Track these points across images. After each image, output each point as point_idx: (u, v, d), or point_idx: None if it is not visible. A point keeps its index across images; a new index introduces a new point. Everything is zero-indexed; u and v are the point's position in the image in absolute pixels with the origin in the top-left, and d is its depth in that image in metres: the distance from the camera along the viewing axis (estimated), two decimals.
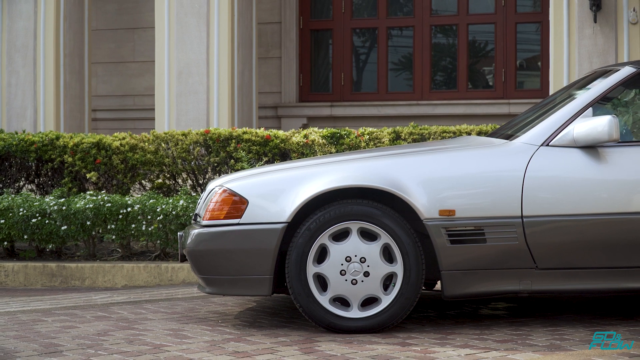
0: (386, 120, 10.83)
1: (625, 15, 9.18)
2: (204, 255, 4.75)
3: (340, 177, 4.67)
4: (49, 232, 7.15)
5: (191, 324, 4.91)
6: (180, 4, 9.77)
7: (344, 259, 4.59)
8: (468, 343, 4.33)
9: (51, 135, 8.03)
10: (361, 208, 4.61)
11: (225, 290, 4.80)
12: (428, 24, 11.04)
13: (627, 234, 4.54)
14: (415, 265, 4.59)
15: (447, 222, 4.56)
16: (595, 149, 4.63)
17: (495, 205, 4.57)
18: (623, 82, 4.84)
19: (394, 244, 4.59)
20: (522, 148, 4.68)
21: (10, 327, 4.92)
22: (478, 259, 4.58)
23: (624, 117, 6.69)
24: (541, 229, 4.55)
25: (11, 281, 7.16)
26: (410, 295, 4.60)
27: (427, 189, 4.60)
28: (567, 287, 4.63)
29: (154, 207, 7.02)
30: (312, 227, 4.60)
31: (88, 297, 6.20)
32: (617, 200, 4.55)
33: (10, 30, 10.37)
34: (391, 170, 4.68)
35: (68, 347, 4.33)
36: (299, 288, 4.61)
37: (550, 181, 4.59)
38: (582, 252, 4.57)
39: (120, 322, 5.03)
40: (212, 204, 4.80)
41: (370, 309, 4.61)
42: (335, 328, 4.60)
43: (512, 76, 10.80)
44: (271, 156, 7.65)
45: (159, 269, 6.98)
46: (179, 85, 9.80)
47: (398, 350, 4.16)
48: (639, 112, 6.60)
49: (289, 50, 11.33)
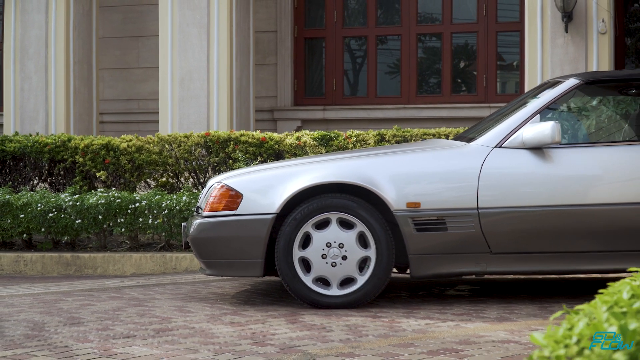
0: (375, 122, 11.57)
1: (594, 26, 9.91)
2: (205, 242, 5.49)
3: (322, 175, 5.42)
4: (64, 226, 7.89)
5: (194, 302, 5.65)
6: (182, 15, 10.51)
7: (325, 245, 5.33)
8: (429, 315, 5.07)
9: (63, 137, 8.76)
10: (340, 201, 5.35)
11: (223, 272, 5.55)
12: (414, 33, 11.78)
13: (567, 223, 5.28)
14: (386, 250, 5.33)
15: (413, 213, 5.30)
16: (541, 150, 5.36)
17: (455, 199, 5.31)
18: (567, 92, 5.57)
19: (368, 232, 5.33)
20: (478, 149, 5.42)
21: (36, 305, 5.66)
22: (440, 244, 5.32)
23: (588, 121, 7.44)
24: (494, 219, 5.29)
25: (30, 270, 7.90)
26: (382, 276, 5.34)
27: (396, 184, 5.34)
28: (518, 268, 5.36)
29: (159, 203, 7.75)
30: (298, 217, 5.34)
31: (101, 282, 6.93)
32: (559, 194, 5.29)
33: (23, 39, 11.11)
34: (366, 168, 5.42)
35: (88, 319, 5.07)
36: (286, 270, 5.35)
37: (502, 178, 5.33)
38: (530, 238, 5.31)
39: (131, 301, 5.77)
40: (211, 198, 5.54)
41: (347, 288, 5.36)
42: (317, 304, 5.34)
43: (493, 81, 11.54)
44: (266, 156, 8.38)
45: (164, 258, 7.72)
46: (181, 90, 10.54)
47: (369, 321, 4.90)
48: (602, 116, 7.36)
49: (284, 57, 12.07)
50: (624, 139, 6.30)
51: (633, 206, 5.25)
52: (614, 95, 6.47)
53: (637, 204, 5.25)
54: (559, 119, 6.03)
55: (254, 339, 4.44)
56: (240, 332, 4.61)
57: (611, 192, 5.30)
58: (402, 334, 4.54)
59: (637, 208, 5.25)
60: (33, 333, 4.66)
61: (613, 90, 6.12)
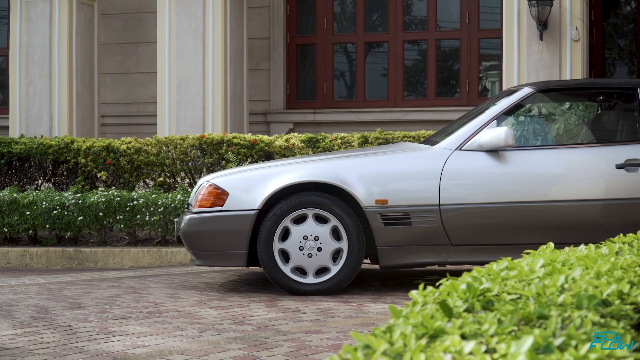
0: (363, 125, 12.15)
1: (568, 34, 10.48)
2: (194, 235, 6.09)
3: (300, 175, 6.01)
4: (67, 222, 8.48)
5: (184, 290, 6.25)
6: (179, 23, 11.10)
7: (302, 238, 5.92)
8: (395, 301, 5.66)
9: (66, 140, 9.36)
10: (315, 198, 5.94)
11: (211, 262, 6.14)
12: (401, 39, 12.37)
13: (519, 218, 5.86)
14: (357, 242, 5.91)
15: (381, 209, 5.89)
16: (497, 152, 5.95)
17: (419, 196, 5.90)
18: (522, 99, 6.16)
19: (341, 226, 5.92)
20: (440, 152, 6.01)
21: (42, 292, 6.25)
22: (406, 237, 5.90)
23: (557, 125, 8.03)
24: (454, 214, 5.87)
25: (35, 263, 8.49)
26: (354, 266, 5.93)
27: (366, 183, 5.93)
28: (476, 259, 5.94)
29: (156, 201, 8.34)
30: (278, 213, 5.93)
31: (101, 274, 7.53)
32: (511, 192, 5.87)
33: (28, 46, 11.70)
34: (339, 169, 6.01)
35: (89, 304, 5.66)
36: (267, 260, 5.95)
37: (461, 177, 5.92)
38: (486, 232, 5.89)
39: (128, 289, 6.36)
40: (200, 196, 6.13)
41: (322, 276, 5.95)
42: (295, 291, 5.93)
43: (475, 85, 12.12)
44: (257, 157, 8.96)
45: (160, 252, 8.31)
46: (178, 95, 11.13)
47: (339, 305, 5.49)
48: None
49: (277, 63, 12.66)
50: (571, 142, 6.89)
51: (578, 203, 5.84)
52: (566, 102, 7.06)
53: (582, 201, 5.84)
54: (516, 124, 6.60)
55: (235, 319, 5.03)
56: (223, 314, 5.20)
57: (559, 190, 5.89)
58: (366, 316, 5.12)
59: (582, 204, 5.83)
60: (40, 315, 5.26)
61: (566, 97, 6.71)
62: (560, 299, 2.00)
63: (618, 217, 5.91)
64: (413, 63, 12.51)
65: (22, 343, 4.49)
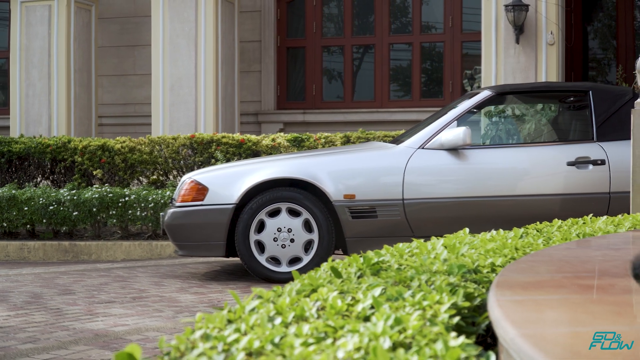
0: (351, 125, 12.63)
1: (544, 38, 10.95)
2: (177, 228, 6.57)
3: (275, 172, 6.49)
4: (63, 217, 8.96)
5: (169, 279, 6.73)
6: (173, 28, 11.59)
7: (276, 230, 6.40)
8: None
9: (64, 139, 9.84)
10: (288, 193, 6.42)
11: (192, 252, 6.63)
12: (387, 43, 12.84)
13: (477, 211, 6.34)
14: (327, 234, 6.39)
15: (349, 203, 6.37)
16: (456, 151, 6.42)
17: (384, 191, 6.38)
18: (482, 101, 6.63)
19: (312, 219, 6.39)
20: (404, 150, 6.49)
21: (36, 281, 6.74)
22: (372, 229, 6.38)
23: (528, 124, 8.49)
24: (417, 208, 6.35)
25: (32, 256, 8.98)
26: (324, 256, 6.41)
27: (335, 179, 6.41)
28: None
29: (146, 197, 8.82)
30: (254, 206, 6.41)
31: (94, 265, 8.01)
32: (470, 187, 6.35)
33: (27, 50, 12.19)
34: (311, 166, 6.49)
35: (79, 290, 6.15)
36: (244, 251, 6.43)
37: (424, 174, 6.39)
38: (446, 224, 6.37)
39: (116, 278, 6.85)
40: (183, 191, 6.62)
41: (295, 265, 6.43)
42: (270, 279, 6.42)
43: (458, 86, 12.59)
44: (245, 156, 9.44)
45: (151, 245, 8.79)
46: (171, 96, 11.62)
47: None
48: (542, 120, 8.42)
49: (267, 65, 13.14)
50: (526, 141, 7.36)
51: (532, 197, 6.31)
52: (523, 104, 7.54)
53: (536, 196, 6.31)
54: (475, 124, 7.08)
55: (211, 303, 5.52)
56: (200, 299, 5.69)
57: (514, 186, 6.36)
58: None
59: (536, 199, 6.31)
60: (32, 300, 5.74)
61: (523, 99, 7.18)
62: (435, 267, 2.48)
63: (569, 210, 6.38)
64: (399, 65, 12.99)
65: (14, 322, 4.97)
